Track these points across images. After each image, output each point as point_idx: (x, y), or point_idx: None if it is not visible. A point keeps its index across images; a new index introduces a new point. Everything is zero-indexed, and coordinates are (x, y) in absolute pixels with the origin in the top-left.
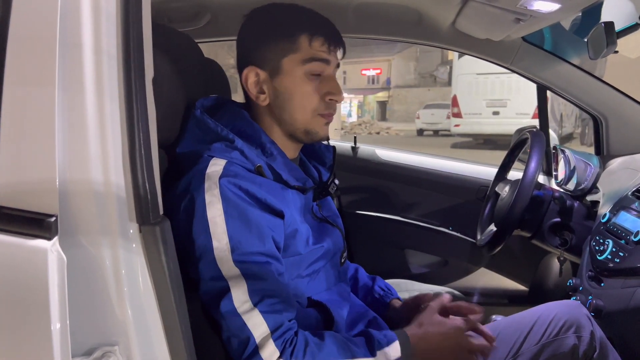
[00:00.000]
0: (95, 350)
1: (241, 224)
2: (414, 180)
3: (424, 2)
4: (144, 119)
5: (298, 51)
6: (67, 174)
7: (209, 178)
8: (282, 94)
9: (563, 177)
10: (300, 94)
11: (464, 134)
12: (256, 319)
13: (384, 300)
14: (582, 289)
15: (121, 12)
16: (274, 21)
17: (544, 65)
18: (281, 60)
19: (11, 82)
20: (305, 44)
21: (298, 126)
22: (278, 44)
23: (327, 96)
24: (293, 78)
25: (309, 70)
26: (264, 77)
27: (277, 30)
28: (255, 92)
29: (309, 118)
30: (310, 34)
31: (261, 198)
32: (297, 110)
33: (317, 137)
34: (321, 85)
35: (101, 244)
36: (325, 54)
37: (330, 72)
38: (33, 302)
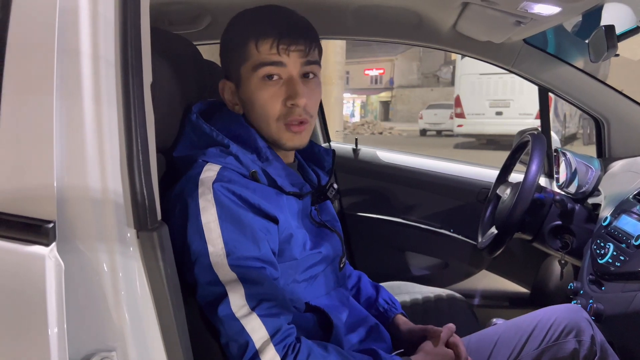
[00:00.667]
0: (93, 356)
1: (235, 229)
2: (415, 182)
3: (424, 4)
4: (142, 125)
5: (249, 58)
6: (65, 179)
7: (203, 183)
8: (246, 103)
9: (564, 180)
10: (259, 101)
11: (467, 134)
12: (254, 323)
13: (388, 315)
14: (583, 293)
15: (119, 18)
16: (229, 31)
17: (545, 68)
18: (239, 70)
19: (10, 89)
20: (253, 50)
21: (267, 134)
22: (233, 53)
23: (287, 101)
24: (251, 86)
25: (262, 76)
26: (232, 89)
27: (231, 40)
28: (232, 103)
29: (273, 127)
30: (255, 38)
31: (255, 203)
32: (260, 119)
33: (287, 147)
34: (281, 89)
35: (99, 250)
36: (275, 56)
37: (291, 74)
38: (31, 308)
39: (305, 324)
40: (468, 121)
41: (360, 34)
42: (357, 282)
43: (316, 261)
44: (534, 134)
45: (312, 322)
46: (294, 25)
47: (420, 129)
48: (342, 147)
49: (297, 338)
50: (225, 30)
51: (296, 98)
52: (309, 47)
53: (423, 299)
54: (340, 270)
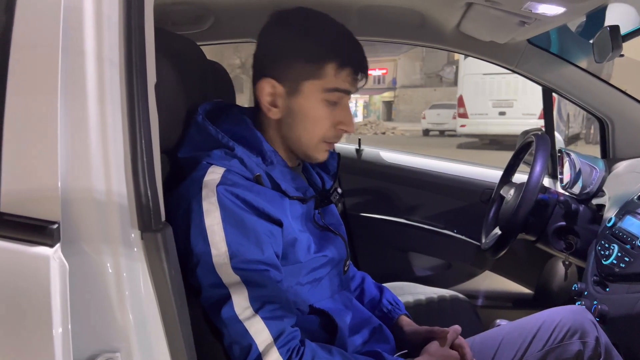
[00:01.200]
0: (97, 357)
1: (239, 232)
2: (418, 183)
3: (428, 5)
4: (146, 126)
5: (322, 78)
6: (69, 181)
7: (207, 186)
8: (295, 114)
9: (568, 181)
10: (313, 118)
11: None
12: (258, 325)
13: (392, 316)
14: (587, 294)
15: (123, 19)
16: (302, 39)
17: (549, 68)
18: (302, 82)
19: (14, 90)
20: (331, 73)
21: (300, 147)
22: (303, 65)
23: (338, 125)
24: (310, 102)
25: (328, 98)
26: (280, 92)
27: (304, 51)
28: (268, 104)
29: (314, 143)
30: (338, 64)
31: (258, 207)
32: (305, 134)
33: (315, 162)
34: (334, 113)
35: (103, 251)
36: (349, 85)
37: (347, 101)
38: (35, 309)
39: (309, 326)
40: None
41: (363, 34)
42: (360, 282)
43: (321, 264)
44: (537, 135)
45: (316, 325)
46: (365, 59)
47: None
48: (345, 147)
49: (301, 341)
50: (288, 32)
51: (350, 125)
52: (366, 80)
53: (426, 300)
54: (345, 274)
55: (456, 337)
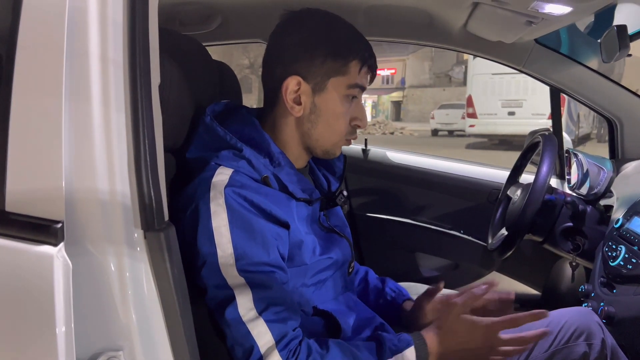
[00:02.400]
0: (100, 355)
1: (246, 234)
2: (425, 183)
3: (435, 4)
4: (149, 126)
5: (347, 74)
6: (73, 180)
7: (215, 187)
8: (320, 110)
9: (576, 181)
10: (336, 114)
11: (479, 134)
12: (260, 328)
13: (397, 302)
14: (594, 295)
15: (127, 20)
16: (328, 38)
17: (557, 68)
18: (328, 79)
19: (20, 91)
20: (355, 70)
21: (322, 144)
22: (329, 62)
23: (353, 121)
24: (335, 98)
25: (350, 94)
26: (305, 90)
27: (331, 49)
28: (292, 101)
29: (336, 139)
30: (361, 61)
31: (266, 209)
32: (328, 130)
33: (332, 157)
34: (350, 109)
35: (106, 250)
36: (365, 81)
37: (360, 97)
38: (39, 307)
39: (312, 327)
40: (480, 121)
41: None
42: (364, 275)
43: (325, 266)
44: (545, 135)
45: (319, 326)
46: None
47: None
48: (352, 147)
49: (300, 341)
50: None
51: (364, 120)
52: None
53: None
54: (349, 275)
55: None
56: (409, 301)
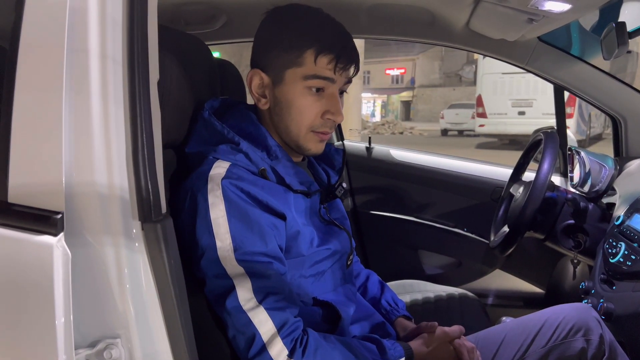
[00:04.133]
0: (98, 343)
1: (243, 224)
2: (428, 181)
3: (437, 3)
4: (147, 121)
5: (301, 65)
6: (73, 173)
7: (212, 179)
8: (281, 103)
9: (578, 179)
10: (298, 107)
11: (489, 134)
12: (261, 316)
13: (389, 317)
14: (594, 292)
15: (126, 19)
16: (284, 29)
17: (560, 65)
18: (284, 71)
19: (22, 87)
20: (309, 60)
21: (291, 137)
22: (283, 54)
23: (325, 114)
24: (293, 90)
25: (309, 86)
26: (267, 82)
27: (284, 40)
28: (257, 95)
29: (303, 133)
30: (316, 51)
31: (262, 200)
32: (292, 123)
33: (309, 153)
34: (321, 102)
35: (104, 241)
36: (330, 72)
37: (334, 90)
38: (39, 296)
39: (311, 318)
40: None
41: (374, 32)
42: (364, 281)
43: (324, 257)
44: (546, 132)
45: (318, 316)
46: (351, 48)
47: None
48: (355, 145)
49: (304, 330)
50: (273, 23)
51: (336, 114)
52: (355, 70)
53: (435, 298)
54: (348, 267)
55: (458, 335)
56: (403, 318)
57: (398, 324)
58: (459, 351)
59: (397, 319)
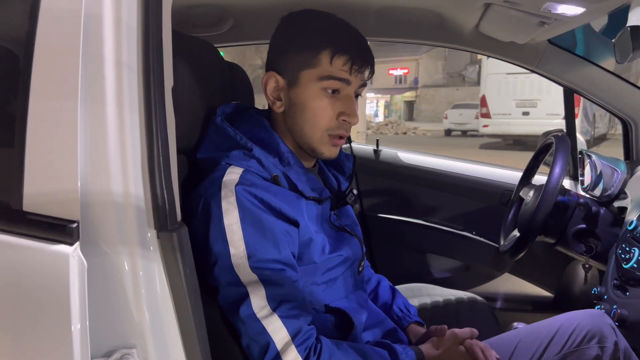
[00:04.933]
0: (114, 353)
1: (257, 231)
2: (436, 184)
3: (446, 6)
4: (162, 129)
5: (317, 66)
6: (89, 181)
7: (225, 186)
8: (296, 105)
9: (589, 183)
10: (313, 109)
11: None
12: (275, 324)
13: (401, 324)
14: (607, 298)
15: (141, 25)
16: (299, 31)
17: (570, 68)
18: (300, 72)
19: (37, 94)
20: (325, 61)
21: (305, 140)
22: (299, 55)
23: (340, 116)
24: (308, 92)
25: (325, 87)
26: (282, 85)
27: (300, 42)
28: (273, 98)
29: (318, 136)
30: (332, 51)
31: (275, 206)
32: (308, 125)
33: (323, 157)
34: (337, 103)
35: (120, 250)
36: (345, 73)
37: (349, 92)
38: (55, 305)
39: (324, 325)
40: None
41: (382, 35)
42: (375, 286)
43: (336, 264)
44: (557, 136)
45: (331, 323)
46: (366, 50)
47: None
48: (363, 148)
49: (317, 338)
50: (289, 26)
51: (352, 116)
52: (371, 72)
53: (444, 302)
54: (359, 274)
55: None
56: (415, 324)
57: (410, 330)
58: (472, 351)
59: (409, 325)
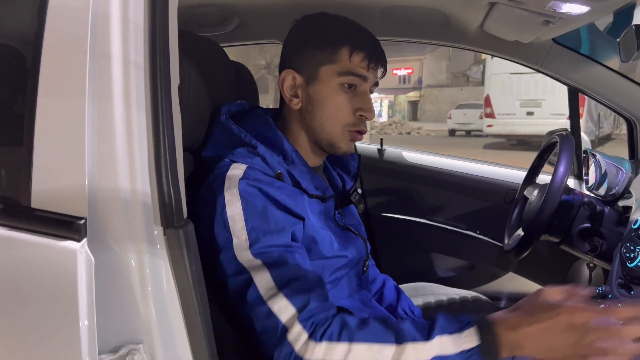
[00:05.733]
0: (121, 348)
1: (260, 220)
2: (440, 183)
3: (451, 4)
4: (169, 126)
5: (336, 62)
6: (96, 179)
7: (229, 179)
8: (315, 101)
9: (594, 182)
10: (332, 104)
11: (497, 134)
12: (281, 303)
13: None
14: (612, 297)
15: (148, 24)
16: (318, 29)
17: (575, 67)
18: (319, 68)
19: (45, 92)
20: (345, 57)
21: (324, 136)
22: (318, 51)
23: (357, 112)
24: (327, 87)
25: (343, 82)
26: (299, 82)
27: (319, 38)
28: (290, 95)
29: (337, 130)
30: (351, 48)
31: (279, 200)
32: (327, 120)
33: (340, 152)
34: (354, 99)
35: (127, 246)
36: (363, 70)
37: (366, 89)
38: (62, 301)
39: None
40: (498, 121)
41: (387, 34)
42: (381, 287)
43: (341, 265)
44: (562, 135)
45: None
46: (380, 49)
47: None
48: (367, 147)
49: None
50: (307, 25)
51: (369, 112)
52: (384, 72)
53: (448, 301)
54: (364, 274)
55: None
56: None
57: None
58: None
59: None
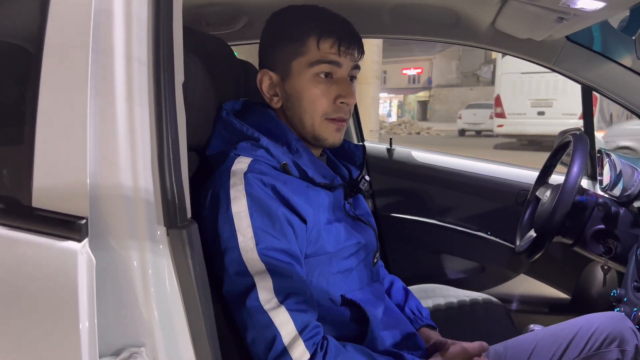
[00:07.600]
0: (123, 351)
1: (265, 219)
2: (451, 183)
3: (462, 2)
4: (173, 124)
5: (305, 54)
6: (98, 177)
7: (234, 174)
8: (292, 96)
9: (608, 182)
10: (308, 96)
11: (508, 134)
12: (282, 317)
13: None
14: (627, 300)
15: (152, 19)
16: (284, 24)
17: (589, 66)
18: (290, 63)
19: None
20: (312, 46)
21: (307, 130)
22: (287, 46)
23: (337, 99)
24: (301, 80)
25: (317, 72)
26: (276, 80)
27: (286, 33)
28: (269, 94)
29: (317, 122)
30: (317, 36)
31: (285, 195)
32: (305, 113)
33: (327, 144)
34: (332, 87)
35: (129, 247)
36: (334, 55)
37: (343, 74)
38: (63, 302)
39: (340, 318)
40: (509, 121)
41: (397, 32)
42: (389, 287)
43: (351, 253)
44: (575, 134)
45: (347, 317)
46: (351, 30)
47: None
48: (376, 146)
49: (324, 337)
50: (274, 22)
51: (349, 97)
52: (360, 53)
53: (458, 303)
54: (374, 265)
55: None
56: (426, 328)
57: (421, 333)
58: None
59: (420, 329)
